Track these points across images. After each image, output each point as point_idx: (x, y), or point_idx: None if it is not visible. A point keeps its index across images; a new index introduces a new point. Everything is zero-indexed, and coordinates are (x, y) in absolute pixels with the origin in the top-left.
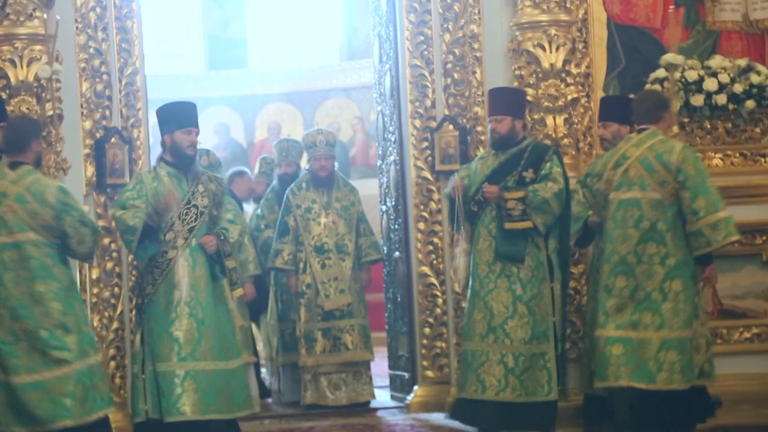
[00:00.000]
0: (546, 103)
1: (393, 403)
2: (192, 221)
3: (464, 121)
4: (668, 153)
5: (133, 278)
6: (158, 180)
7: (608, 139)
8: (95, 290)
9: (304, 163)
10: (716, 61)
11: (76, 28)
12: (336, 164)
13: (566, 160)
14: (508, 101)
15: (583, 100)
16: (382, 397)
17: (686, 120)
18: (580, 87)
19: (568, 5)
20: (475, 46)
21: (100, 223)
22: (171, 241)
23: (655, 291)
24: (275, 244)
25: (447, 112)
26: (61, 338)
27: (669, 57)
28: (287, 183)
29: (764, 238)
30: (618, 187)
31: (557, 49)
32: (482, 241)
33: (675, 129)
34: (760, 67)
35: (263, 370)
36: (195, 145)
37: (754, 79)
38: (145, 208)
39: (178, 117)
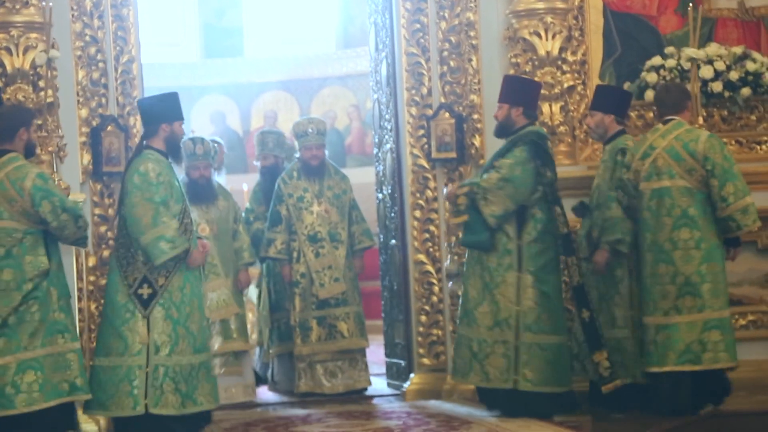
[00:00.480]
0: (542, 91)
1: (389, 391)
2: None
3: (460, 108)
4: (694, 142)
5: None
6: (163, 173)
7: (591, 127)
8: (92, 278)
9: (293, 154)
10: (712, 49)
11: (72, 15)
12: (327, 152)
13: (562, 147)
14: (508, 89)
15: (579, 88)
16: (379, 384)
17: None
18: (576, 74)
19: None
20: (472, 33)
21: (97, 211)
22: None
23: (693, 275)
24: (267, 233)
25: (443, 100)
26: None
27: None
28: (267, 175)
29: (759, 225)
30: (648, 178)
31: (553, 36)
32: None
33: (700, 120)
34: (755, 55)
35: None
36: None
37: (750, 66)
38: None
39: (178, 109)
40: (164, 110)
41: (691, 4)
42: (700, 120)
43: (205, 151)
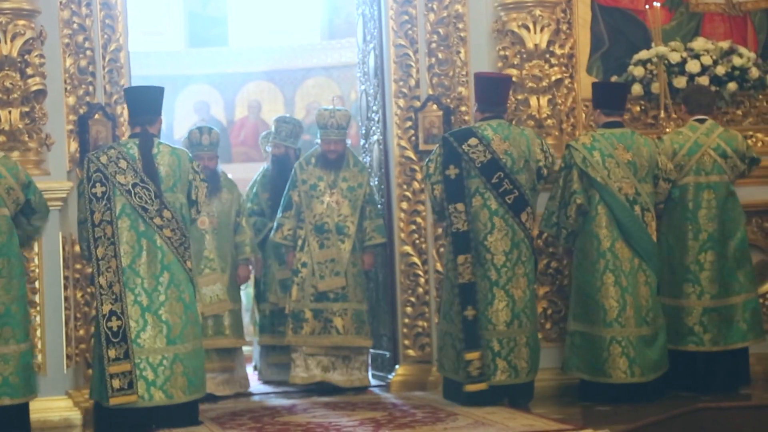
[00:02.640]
0: (530, 84)
1: (374, 382)
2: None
3: (448, 101)
4: (735, 141)
5: None
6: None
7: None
8: (78, 266)
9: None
10: (699, 43)
11: (60, 3)
12: (348, 142)
13: (550, 140)
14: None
15: (566, 81)
16: None
17: (669, 102)
18: (563, 68)
19: None
20: (460, 26)
21: None
22: None
23: (731, 260)
24: (278, 217)
25: (431, 92)
26: None
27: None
28: (276, 164)
29: (745, 220)
30: (696, 172)
31: (542, 29)
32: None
33: (662, 113)
34: (742, 50)
35: None
36: None
37: (737, 61)
38: None
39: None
40: (160, 104)
41: (657, 4)
42: (662, 114)
43: (211, 142)
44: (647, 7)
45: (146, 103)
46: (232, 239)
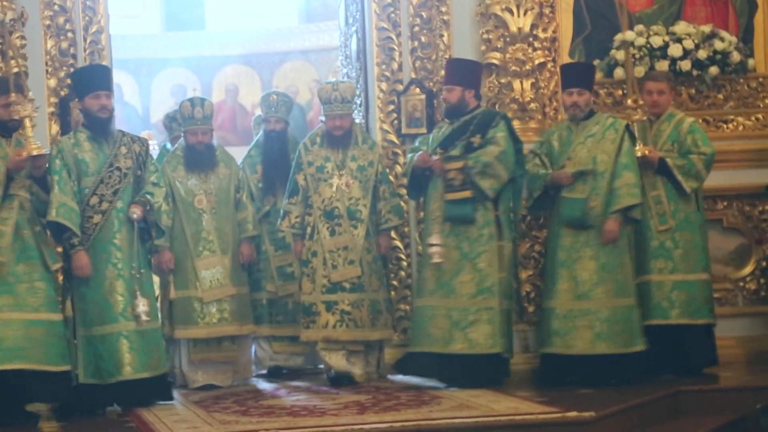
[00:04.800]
0: (513, 68)
1: None
2: (116, 183)
3: (431, 84)
4: None
5: None
6: (78, 146)
7: (581, 105)
8: (59, 249)
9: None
10: (681, 27)
11: None
12: (355, 119)
13: (532, 124)
14: (459, 71)
15: (549, 65)
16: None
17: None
18: (546, 51)
19: None
20: (443, 9)
21: None
22: (95, 206)
23: None
24: (284, 203)
25: (414, 76)
26: None
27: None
28: (275, 141)
29: (725, 203)
30: None
31: (525, 13)
32: (433, 203)
33: (629, 101)
34: (723, 34)
35: None
36: (107, 108)
37: (718, 45)
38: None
39: (86, 82)
40: (74, 88)
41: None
42: (629, 102)
43: (205, 115)
44: None
45: None
46: (233, 218)
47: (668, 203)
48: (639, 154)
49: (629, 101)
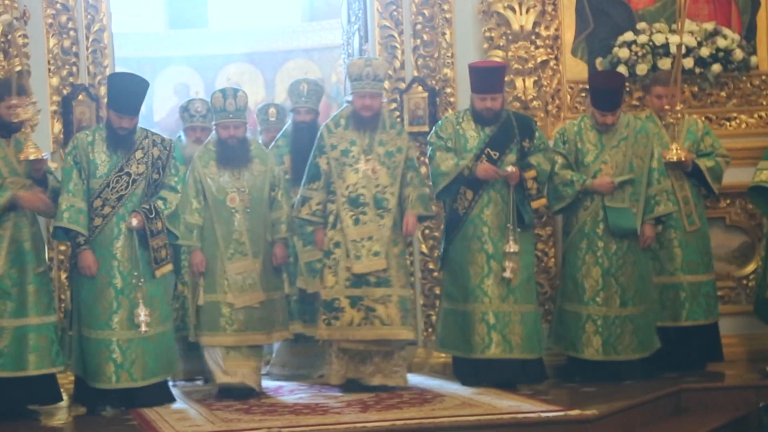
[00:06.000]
0: (516, 66)
1: None
2: (122, 189)
3: (433, 82)
4: None
5: None
6: (93, 145)
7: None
8: (62, 247)
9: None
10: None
11: None
12: (384, 101)
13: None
14: (500, 79)
15: (552, 63)
16: None
17: (649, 86)
18: (549, 49)
19: None
20: (445, 7)
21: None
22: (97, 209)
23: None
24: (303, 189)
25: (416, 74)
26: None
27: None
28: (305, 132)
29: (728, 201)
30: None
31: (527, 11)
32: (493, 205)
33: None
34: (726, 31)
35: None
36: (126, 129)
37: (721, 43)
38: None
39: (119, 97)
40: (108, 92)
41: None
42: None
43: (237, 108)
44: None
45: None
46: (266, 218)
47: (694, 204)
48: (675, 158)
49: (677, 104)
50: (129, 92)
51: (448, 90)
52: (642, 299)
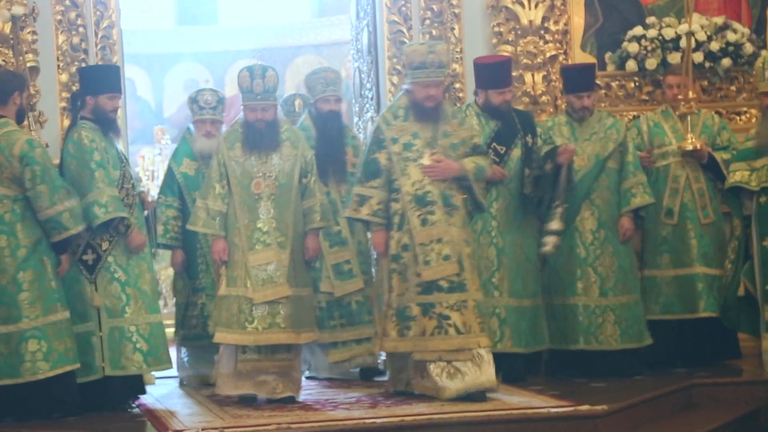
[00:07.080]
0: (525, 60)
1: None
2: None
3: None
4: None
5: None
6: (97, 140)
7: (590, 107)
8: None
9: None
10: (693, 19)
11: None
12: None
13: (543, 117)
14: (510, 72)
15: (561, 58)
16: None
17: (663, 78)
18: (558, 44)
19: None
20: (454, 2)
21: None
22: (123, 199)
23: None
24: (359, 187)
25: None
26: (13, 295)
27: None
28: (334, 122)
29: None
30: None
31: (536, 5)
32: (502, 200)
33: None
34: (736, 25)
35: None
36: (117, 110)
37: (731, 37)
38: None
39: (104, 80)
40: (87, 82)
41: None
42: (690, 93)
43: (266, 89)
44: None
45: None
46: (296, 207)
47: (709, 197)
48: (690, 147)
49: (689, 93)
50: (112, 72)
51: (457, 85)
52: (623, 290)
